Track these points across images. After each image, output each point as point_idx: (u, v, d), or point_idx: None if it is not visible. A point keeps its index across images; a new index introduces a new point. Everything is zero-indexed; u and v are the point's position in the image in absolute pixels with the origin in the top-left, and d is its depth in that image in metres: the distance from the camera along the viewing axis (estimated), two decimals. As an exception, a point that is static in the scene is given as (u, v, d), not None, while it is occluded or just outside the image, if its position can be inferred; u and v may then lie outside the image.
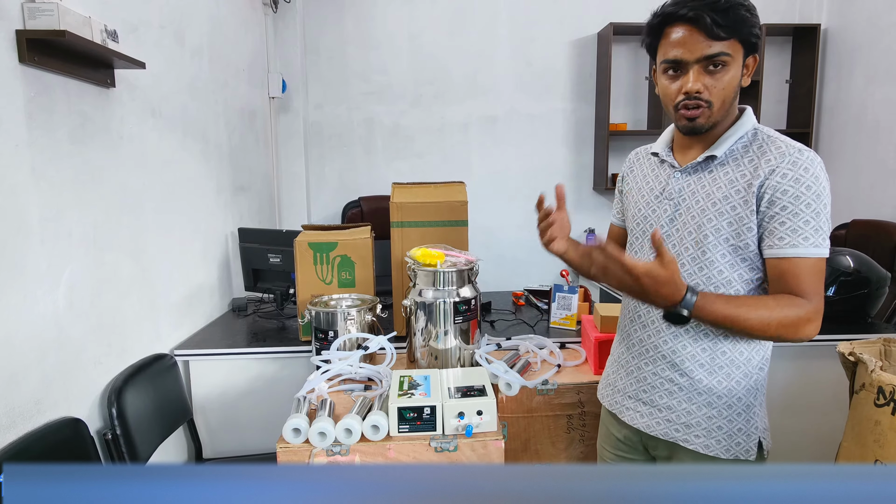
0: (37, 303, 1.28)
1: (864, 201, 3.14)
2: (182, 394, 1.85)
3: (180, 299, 1.99)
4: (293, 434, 1.25)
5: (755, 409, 1.10)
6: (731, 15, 0.96)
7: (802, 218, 0.98)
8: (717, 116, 1.03)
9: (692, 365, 1.10)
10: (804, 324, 0.98)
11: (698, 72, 1.00)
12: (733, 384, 1.08)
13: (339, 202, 3.57)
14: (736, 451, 1.09)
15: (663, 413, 1.13)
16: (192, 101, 2.11)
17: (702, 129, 1.05)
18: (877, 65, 3.06)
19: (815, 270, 0.99)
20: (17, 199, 1.22)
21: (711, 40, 0.97)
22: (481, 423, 1.28)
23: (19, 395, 1.22)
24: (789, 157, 0.99)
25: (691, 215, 1.08)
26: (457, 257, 1.64)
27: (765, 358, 1.11)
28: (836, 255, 2.04)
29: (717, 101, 1.01)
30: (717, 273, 1.06)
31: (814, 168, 0.99)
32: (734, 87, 1.02)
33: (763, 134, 1.06)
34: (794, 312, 0.98)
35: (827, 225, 0.99)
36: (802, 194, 0.98)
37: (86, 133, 1.46)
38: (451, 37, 3.55)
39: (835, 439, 1.64)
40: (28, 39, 1.22)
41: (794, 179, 0.98)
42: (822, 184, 0.99)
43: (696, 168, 1.09)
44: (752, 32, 0.99)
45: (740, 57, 1.00)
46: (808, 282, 0.99)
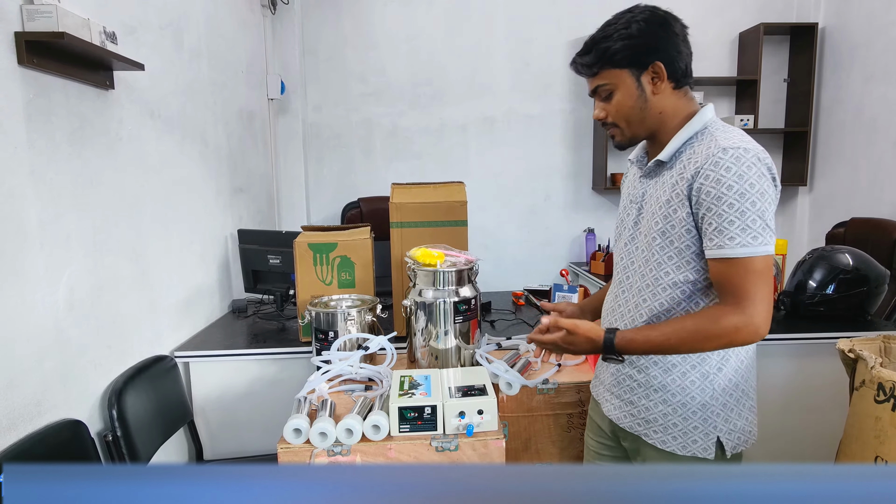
0: (36, 305, 1.28)
1: (862, 199, 3.15)
2: (182, 395, 1.85)
3: (180, 301, 1.99)
4: (294, 434, 1.25)
5: (714, 409, 1.09)
6: (594, 53, 1.08)
7: (726, 218, 0.98)
8: (632, 133, 1.13)
9: (647, 363, 1.14)
10: (733, 333, 0.99)
11: (597, 102, 1.14)
12: (688, 383, 1.10)
13: (339, 203, 3.57)
14: (693, 449, 1.10)
15: (628, 407, 1.18)
16: (190, 103, 2.11)
17: (623, 146, 1.16)
18: (875, 63, 3.07)
19: (745, 271, 0.98)
20: (15, 202, 1.22)
21: (588, 77, 1.13)
22: (482, 423, 1.28)
23: (20, 397, 1.22)
24: (713, 157, 1.00)
25: (647, 219, 1.12)
26: (456, 257, 1.64)
27: (724, 359, 1.10)
28: (834, 253, 2.04)
29: (620, 122, 1.12)
30: (664, 274, 1.09)
31: (738, 166, 0.98)
32: (630, 106, 1.09)
33: (708, 132, 1.06)
34: (719, 326, 0.99)
35: (758, 223, 0.98)
36: (724, 194, 0.98)
37: (85, 135, 1.46)
38: (449, 38, 3.55)
39: (835, 436, 1.64)
40: (27, 41, 1.22)
41: (714, 180, 0.99)
42: (749, 181, 0.97)
43: (652, 172, 1.13)
44: (625, 57, 1.06)
45: (626, 78, 1.08)
46: (738, 283, 0.99)
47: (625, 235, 1.20)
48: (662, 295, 1.10)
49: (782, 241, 2.44)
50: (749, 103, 3.51)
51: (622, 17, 1.08)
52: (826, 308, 2.00)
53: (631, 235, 1.17)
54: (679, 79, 1.08)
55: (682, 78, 1.09)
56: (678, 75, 1.08)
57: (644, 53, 1.06)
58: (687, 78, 1.10)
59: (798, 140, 3.56)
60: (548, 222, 3.72)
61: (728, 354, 1.10)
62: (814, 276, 2.02)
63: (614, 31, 1.06)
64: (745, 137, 1.03)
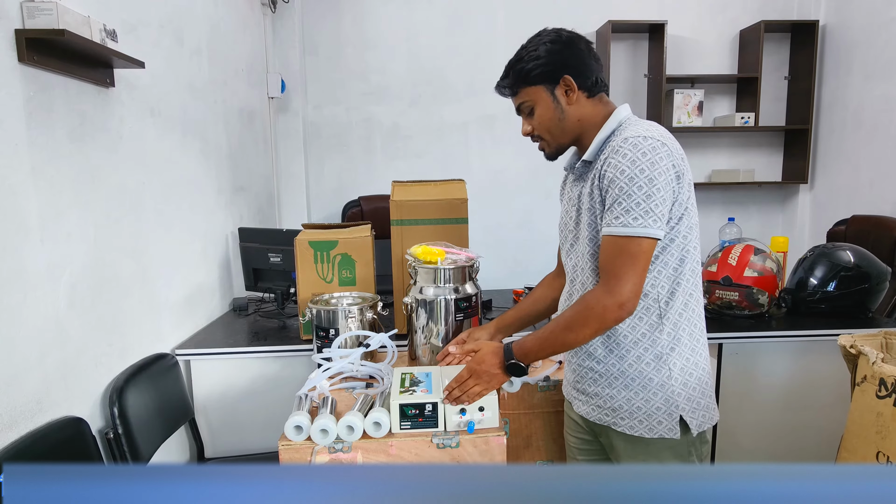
0: (37, 303, 1.28)
1: (863, 197, 3.15)
2: (183, 393, 1.85)
3: (181, 299, 1.99)
4: (295, 431, 1.25)
5: (673, 388, 1.14)
6: (511, 76, 1.19)
7: (615, 199, 1.06)
8: (557, 142, 1.22)
9: (603, 351, 1.19)
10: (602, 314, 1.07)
11: (523, 119, 1.24)
12: (643, 366, 1.15)
13: (339, 202, 3.57)
14: (659, 430, 1.15)
15: (594, 400, 1.22)
16: (191, 101, 2.11)
17: (553, 157, 1.26)
18: (875, 61, 3.06)
19: (619, 249, 1.05)
20: (16, 199, 1.22)
21: (512, 97, 1.23)
22: (483, 420, 1.28)
23: (21, 395, 1.22)
24: (616, 147, 1.08)
25: (585, 217, 1.18)
26: (457, 254, 1.64)
27: (675, 338, 1.14)
28: (836, 251, 2.04)
29: (545, 134, 1.22)
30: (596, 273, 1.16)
31: (633, 153, 1.05)
32: (550, 118, 1.18)
33: (621, 128, 1.14)
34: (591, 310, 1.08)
35: (642, 206, 1.03)
36: (616, 178, 1.06)
37: (85, 132, 1.46)
38: (449, 36, 3.55)
39: (836, 433, 1.64)
40: (27, 39, 1.22)
41: (613, 166, 1.07)
42: (640, 166, 1.04)
43: (581, 175, 1.20)
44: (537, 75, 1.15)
45: (543, 93, 1.17)
46: (608, 260, 1.07)
47: (569, 238, 1.26)
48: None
49: (783, 238, 2.44)
50: (750, 101, 3.51)
51: (532, 41, 1.18)
52: (827, 305, 2.00)
53: (574, 236, 1.23)
54: (590, 88, 1.17)
55: (594, 87, 1.18)
56: (589, 85, 1.17)
57: (553, 70, 1.15)
58: (598, 87, 1.18)
59: (799, 138, 3.55)
60: (548, 220, 3.69)
61: (678, 334, 1.14)
62: (815, 273, 2.02)
63: (525, 54, 1.17)
64: (652, 128, 1.10)
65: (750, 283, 1.99)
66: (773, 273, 2.01)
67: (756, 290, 1.99)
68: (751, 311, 2.02)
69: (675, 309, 1.14)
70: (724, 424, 1.96)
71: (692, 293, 1.16)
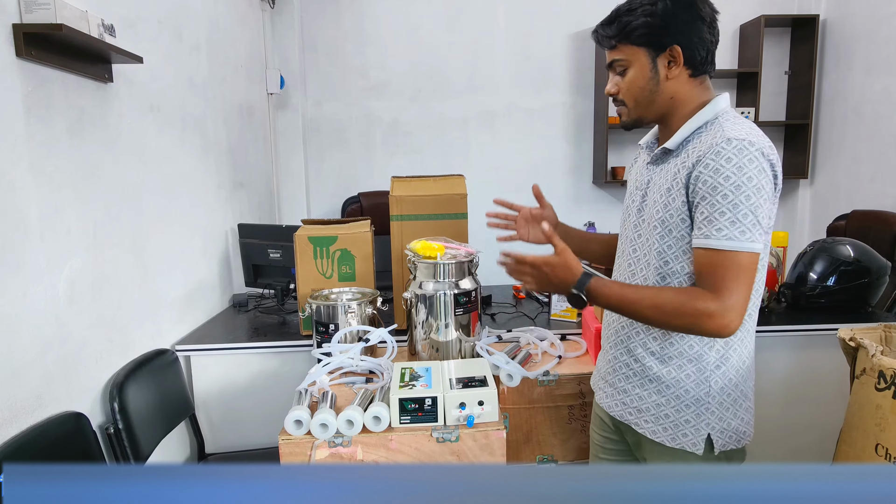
0: (37, 298, 1.28)
1: (863, 192, 3.14)
2: (184, 389, 1.85)
3: (181, 295, 1.99)
4: (295, 426, 1.25)
5: (708, 405, 1.08)
6: (616, 26, 1.06)
7: (718, 209, 0.96)
8: (637, 113, 1.11)
9: (644, 352, 1.13)
10: (705, 317, 0.96)
11: (611, 76, 1.12)
12: (683, 376, 1.09)
13: (339, 198, 3.56)
14: (683, 442, 1.09)
15: (621, 396, 1.18)
16: (190, 97, 2.11)
17: (627, 126, 1.15)
18: (876, 55, 3.06)
19: (728, 264, 0.96)
20: (15, 195, 1.22)
21: (608, 50, 1.10)
22: (483, 414, 1.28)
23: (21, 390, 1.22)
24: (716, 146, 0.97)
25: (651, 206, 1.10)
26: (457, 249, 1.64)
27: (723, 357, 1.08)
28: (836, 245, 2.04)
29: (628, 100, 1.10)
30: (663, 263, 1.08)
31: (739, 158, 0.95)
32: (641, 87, 1.07)
33: (717, 122, 1.03)
34: (691, 305, 0.97)
35: (749, 218, 0.95)
36: (720, 185, 0.96)
37: (84, 128, 1.46)
38: (449, 32, 3.54)
39: (835, 427, 1.64)
40: (25, 34, 1.22)
41: (714, 169, 0.97)
42: (747, 174, 0.95)
43: (658, 160, 1.12)
44: (643, 35, 1.03)
45: (643, 57, 1.05)
46: (719, 276, 0.96)
47: (629, 223, 1.18)
48: (662, 284, 1.09)
49: (783, 233, 2.44)
50: (750, 96, 3.50)
51: None
52: (827, 300, 2.00)
53: (634, 223, 1.16)
54: (697, 66, 1.05)
55: (701, 66, 1.05)
56: (696, 62, 1.04)
57: (663, 35, 1.02)
58: (707, 66, 1.06)
59: (799, 132, 3.55)
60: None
61: (728, 353, 1.08)
62: (815, 267, 2.02)
63: (639, 6, 1.03)
64: (754, 130, 1.00)
65: (750, 278, 1.99)
66: (772, 268, 2.01)
67: (756, 285, 1.98)
68: (750, 306, 2.01)
69: None
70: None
71: (751, 314, 1.08)
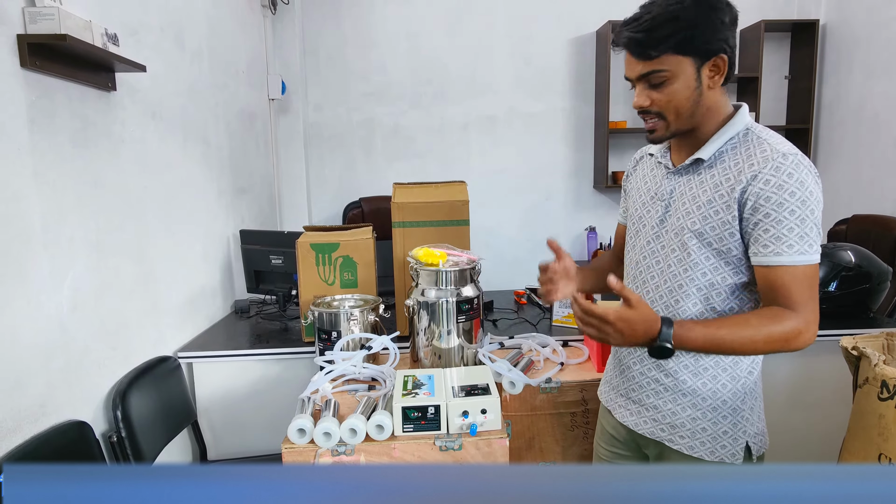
0: (41, 307, 1.28)
1: (864, 196, 3.15)
2: (186, 396, 1.85)
3: (183, 301, 1.99)
4: (298, 434, 1.25)
5: (743, 413, 1.08)
6: (656, 34, 0.97)
7: (786, 225, 0.95)
8: (676, 126, 1.04)
9: (677, 366, 1.10)
10: (794, 337, 0.96)
11: (641, 88, 1.04)
12: (718, 387, 1.08)
13: (340, 203, 3.57)
14: (721, 454, 1.08)
15: (650, 412, 1.14)
16: (192, 104, 2.11)
17: (661, 140, 1.08)
18: (876, 60, 3.06)
19: (802, 279, 0.96)
20: (19, 204, 1.22)
21: (642, 60, 1.00)
22: (486, 422, 1.28)
23: (24, 399, 1.23)
24: (773, 161, 0.96)
25: (678, 217, 1.07)
26: (459, 256, 1.64)
27: (755, 362, 1.09)
28: (837, 251, 2.04)
29: (669, 114, 1.03)
30: (700, 275, 1.05)
31: (798, 173, 0.95)
32: (685, 98, 1.01)
33: (753, 135, 1.02)
34: (780, 328, 0.96)
35: (815, 231, 0.96)
36: (786, 201, 0.95)
37: (87, 137, 1.46)
38: (450, 36, 3.55)
39: (838, 434, 1.64)
40: (29, 44, 1.23)
41: (776, 185, 0.95)
42: (809, 188, 0.95)
43: (686, 170, 1.08)
44: (692, 45, 0.97)
45: (687, 66, 0.99)
46: (795, 291, 0.97)
47: (646, 233, 1.14)
48: (697, 295, 1.06)
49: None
50: (750, 100, 3.51)
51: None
52: (828, 305, 2.00)
53: (655, 234, 1.12)
54: (730, 74, 1.02)
55: (730, 74, 1.03)
56: (731, 71, 1.02)
57: (710, 43, 0.98)
58: (731, 75, 1.03)
59: (799, 137, 3.55)
60: (549, 221, 3.72)
61: (758, 357, 1.09)
62: (816, 273, 2.02)
63: (680, 11, 0.96)
64: (790, 143, 1.01)
65: (751, 284, 1.99)
66: (774, 273, 2.01)
67: (757, 291, 1.98)
68: (752, 312, 2.02)
69: None
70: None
71: None
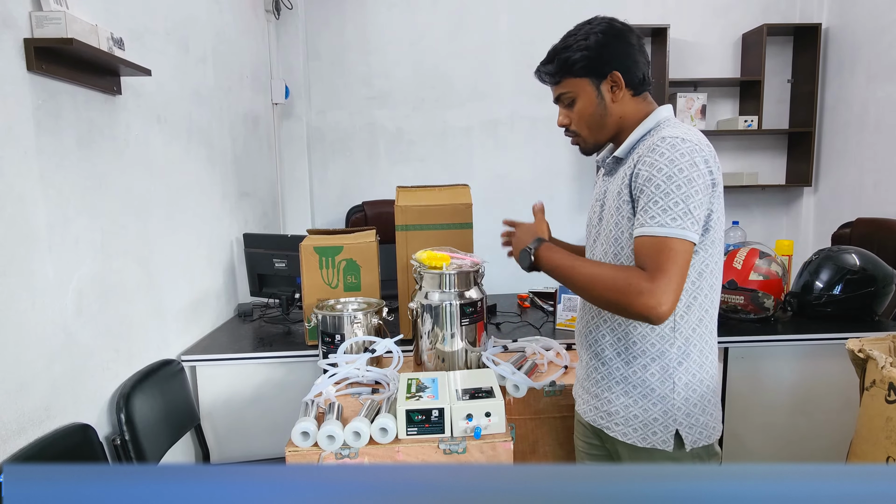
0: (45, 309, 1.28)
1: (868, 200, 3.14)
2: (189, 399, 1.85)
3: (186, 305, 1.99)
4: (302, 438, 1.25)
5: (674, 402, 1.11)
6: (556, 63, 1.15)
7: (651, 198, 1.02)
8: (593, 139, 1.18)
9: (611, 353, 1.17)
10: (635, 294, 0.98)
11: (560, 109, 1.20)
12: (647, 375, 1.13)
13: (343, 207, 3.57)
14: (653, 441, 1.12)
15: (594, 401, 1.21)
16: (196, 108, 2.12)
17: (589, 152, 1.22)
18: (878, 63, 3.06)
19: (658, 248, 0.99)
20: (25, 206, 1.23)
21: (552, 86, 1.19)
22: (490, 425, 1.28)
23: (29, 402, 1.23)
24: (652, 146, 1.04)
25: (610, 214, 1.16)
26: (462, 259, 1.64)
27: (684, 353, 1.11)
28: (841, 254, 2.04)
29: (582, 130, 1.18)
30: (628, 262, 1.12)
31: (671, 152, 1.01)
32: (591, 113, 1.14)
33: (658, 129, 1.10)
34: (626, 279, 1.00)
35: (680, 206, 0.99)
36: (654, 176, 1.02)
37: (93, 140, 1.47)
38: (452, 41, 3.56)
39: (845, 437, 1.63)
40: (36, 48, 1.23)
41: (649, 164, 1.03)
42: (678, 165, 1.00)
43: (612, 170, 1.18)
44: (584, 67, 1.12)
45: (587, 86, 1.13)
46: (650, 258, 1.00)
47: (591, 234, 1.25)
48: None
49: (788, 241, 2.44)
50: (753, 104, 3.51)
51: (581, 28, 1.14)
52: (833, 309, 1.99)
53: (597, 232, 1.21)
54: (637, 86, 1.13)
55: (640, 85, 1.14)
56: (636, 83, 1.13)
57: (602, 64, 1.11)
58: (644, 85, 1.14)
59: (802, 140, 3.55)
60: (552, 224, 3.69)
61: (689, 349, 1.12)
62: (820, 276, 2.02)
63: (574, 42, 1.12)
64: (691, 131, 1.06)
65: (755, 287, 1.98)
66: (778, 276, 2.00)
67: (761, 294, 1.98)
68: (756, 315, 2.01)
69: (690, 324, 1.11)
70: (731, 429, 1.96)
71: (708, 309, 1.13)
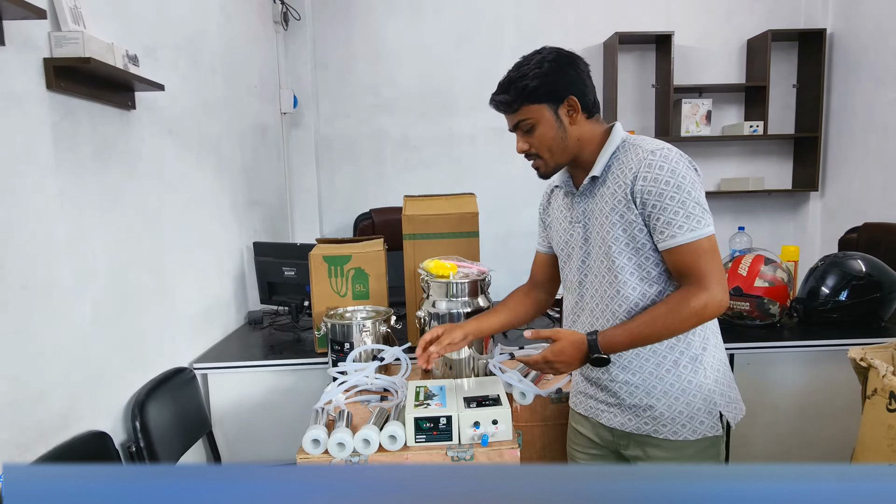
0: (64, 320, 1.32)
1: (874, 205, 3.14)
2: (201, 406, 1.89)
3: (198, 313, 2.03)
4: (313, 445, 1.27)
5: (709, 386, 1.18)
6: (512, 92, 1.18)
7: (671, 210, 1.09)
8: (555, 161, 1.21)
9: (639, 362, 1.21)
10: (702, 310, 1.08)
11: (518, 136, 1.23)
12: (681, 369, 1.18)
13: (351, 214, 3.61)
14: (702, 430, 1.18)
15: (633, 411, 1.23)
16: (206, 119, 2.16)
17: (548, 175, 1.26)
18: (884, 67, 3.07)
19: (699, 251, 1.09)
20: (44, 221, 1.27)
21: (510, 114, 1.22)
22: (497, 433, 1.30)
23: (48, 410, 1.26)
24: (644, 160, 1.11)
25: (598, 232, 1.20)
26: (469, 268, 1.67)
27: (705, 338, 1.19)
28: (847, 260, 2.04)
29: (544, 153, 1.21)
30: (629, 275, 1.17)
31: (668, 164, 1.10)
32: (552, 137, 1.18)
33: (628, 144, 1.17)
34: (688, 308, 1.09)
35: (697, 208, 1.09)
36: (663, 190, 1.09)
37: (108, 154, 1.51)
38: (457, 49, 3.59)
39: (849, 443, 1.64)
40: (55, 67, 1.27)
41: (653, 180, 1.10)
42: (680, 174, 1.09)
43: (588, 191, 1.22)
44: (544, 93, 1.15)
45: (546, 112, 1.17)
46: (693, 266, 1.10)
47: (577, 255, 1.26)
48: (633, 294, 1.17)
49: (794, 247, 2.44)
50: (758, 110, 3.52)
51: (533, 57, 1.18)
52: (839, 315, 2.00)
53: (585, 252, 1.24)
54: (590, 109, 1.19)
55: (592, 107, 1.20)
56: (589, 106, 1.19)
57: (559, 89, 1.16)
58: (595, 107, 1.21)
59: (808, 145, 3.55)
60: (558, 230, 3.73)
61: (706, 333, 1.19)
62: (826, 282, 2.02)
63: (529, 71, 1.16)
64: (664, 142, 1.15)
65: (761, 293, 1.99)
66: (784, 283, 2.01)
67: (767, 300, 1.99)
68: (762, 321, 2.02)
69: None
70: (736, 434, 1.96)
71: None
